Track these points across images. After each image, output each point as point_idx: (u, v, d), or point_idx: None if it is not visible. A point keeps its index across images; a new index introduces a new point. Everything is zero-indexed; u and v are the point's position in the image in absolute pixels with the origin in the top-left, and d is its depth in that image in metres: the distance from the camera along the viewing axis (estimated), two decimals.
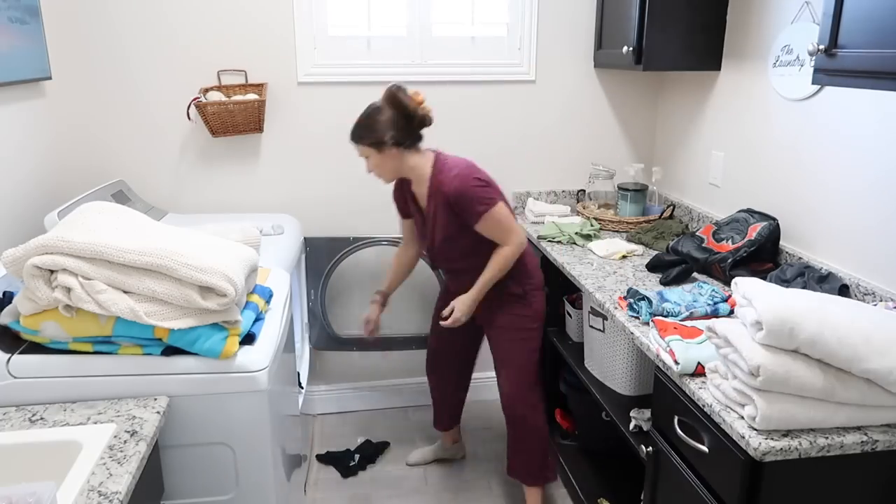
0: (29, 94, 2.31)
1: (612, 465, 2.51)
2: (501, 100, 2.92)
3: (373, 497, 2.55)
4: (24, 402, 1.50)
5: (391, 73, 2.79)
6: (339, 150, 2.85)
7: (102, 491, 1.19)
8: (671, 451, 1.61)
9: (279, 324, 1.79)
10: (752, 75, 2.32)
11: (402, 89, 2.07)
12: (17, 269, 1.47)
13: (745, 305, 1.39)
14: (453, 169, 2.07)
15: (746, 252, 2.05)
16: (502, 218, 2.08)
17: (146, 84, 2.66)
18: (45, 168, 2.39)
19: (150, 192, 2.74)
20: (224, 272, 1.52)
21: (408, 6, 2.77)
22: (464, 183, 2.04)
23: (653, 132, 3.07)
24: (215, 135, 2.64)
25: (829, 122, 1.96)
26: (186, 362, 1.55)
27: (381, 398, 3.15)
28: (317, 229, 2.92)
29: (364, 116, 2.09)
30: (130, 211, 1.71)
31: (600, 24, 2.81)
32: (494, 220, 2.07)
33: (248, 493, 1.64)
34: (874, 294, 1.77)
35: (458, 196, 2.04)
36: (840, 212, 1.93)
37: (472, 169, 2.09)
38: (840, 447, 1.29)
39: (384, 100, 2.08)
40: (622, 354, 2.12)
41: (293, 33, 2.70)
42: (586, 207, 2.88)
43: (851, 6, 1.35)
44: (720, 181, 2.54)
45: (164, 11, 2.60)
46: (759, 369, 1.28)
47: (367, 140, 2.07)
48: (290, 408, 2.05)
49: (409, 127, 2.07)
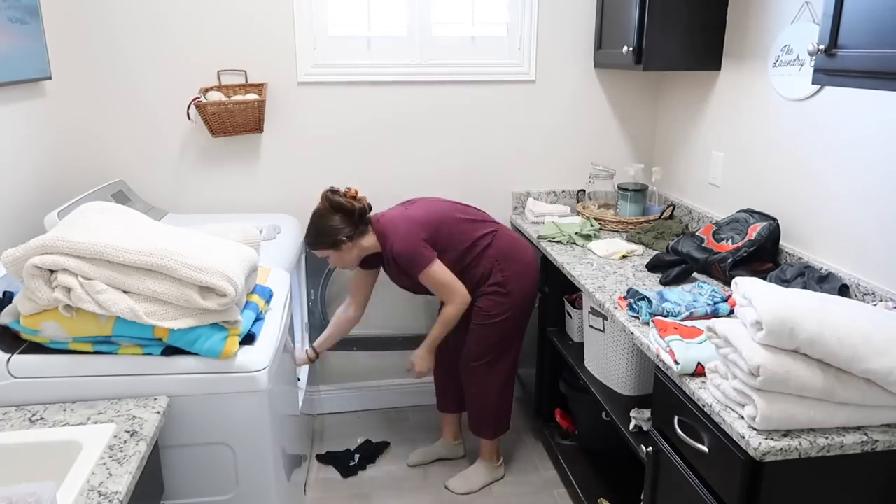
0: (29, 94, 2.31)
1: (612, 465, 2.51)
2: (501, 100, 2.92)
3: (373, 497, 2.55)
4: (24, 402, 1.50)
5: (391, 73, 2.80)
6: (339, 149, 2.86)
7: (102, 491, 1.19)
8: (671, 451, 1.61)
9: (279, 324, 1.79)
10: (752, 75, 2.32)
11: (335, 191, 2.28)
12: (17, 269, 1.47)
13: (745, 305, 1.39)
14: (392, 239, 2.26)
15: (746, 252, 2.05)
16: (438, 277, 2.26)
17: (146, 84, 2.66)
18: (45, 168, 2.39)
19: (150, 192, 2.74)
20: (224, 272, 1.52)
21: (408, 6, 2.77)
22: (403, 247, 2.24)
23: (653, 132, 3.07)
24: (215, 135, 2.63)
25: (829, 123, 1.96)
26: (186, 362, 1.55)
27: (381, 398, 3.15)
28: None
29: (313, 226, 2.28)
30: (130, 211, 1.71)
31: (600, 24, 2.81)
32: (432, 278, 2.26)
33: (248, 493, 1.64)
34: (874, 294, 1.77)
35: (399, 257, 2.25)
36: (840, 212, 1.93)
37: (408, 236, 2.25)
38: (840, 447, 1.29)
39: (322, 205, 2.28)
40: (622, 354, 2.12)
41: (293, 33, 2.70)
42: (586, 207, 2.87)
43: (851, 6, 1.35)
44: (720, 181, 2.54)
45: (163, 11, 2.60)
46: (759, 369, 1.28)
47: (323, 245, 2.28)
48: (290, 408, 2.05)
49: (353, 221, 2.27)
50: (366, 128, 2.86)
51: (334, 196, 2.26)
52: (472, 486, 2.55)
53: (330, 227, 2.24)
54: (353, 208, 2.26)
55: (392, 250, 2.25)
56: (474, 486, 2.56)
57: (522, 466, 2.71)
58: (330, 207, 2.25)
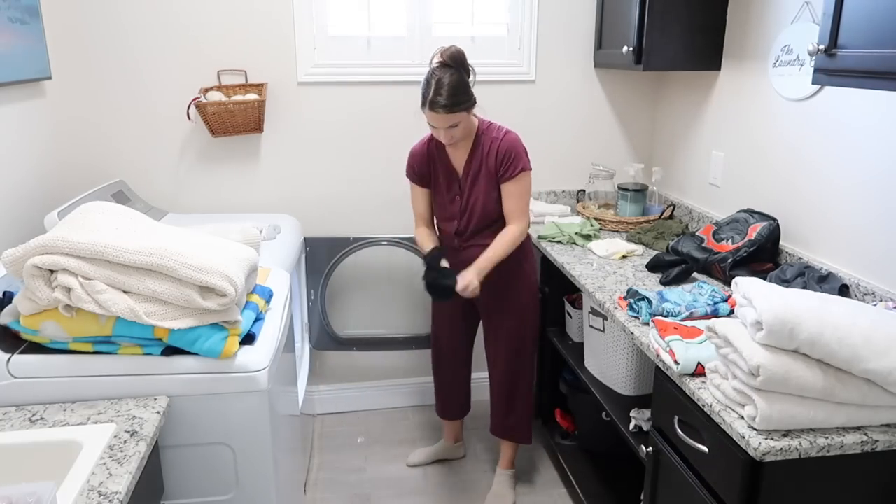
0: (29, 94, 2.31)
1: (612, 465, 2.51)
2: (501, 100, 2.92)
3: (373, 497, 2.55)
4: (24, 402, 1.50)
5: (391, 73, 2.80)
6: (339, 149, 2.86)
7: (102, 491, 1.19)
8: (671, 451, 1.61)
9: (279, 324, 1.79)
10: (752, 75, 2.32)
11: (459, 48, 2.11)
12: (17, 269, 1.47)
13: (745, 305, 1.39)
14: (503, 129, 2.21)
15: (746, 252, 2.05)
16: (528, 187, 2.21)
17: (146, 84, 2.66)
18: (45, 168, 2.39)
19: (150, 192, 2.74)
20: (224, 272, 1.52)
21: (408, 6, 2.77)
22: (516, 140, 2.19)
23: (652, 132, 3.07)
24: (215, 135, 2.64)
25: (830, 123, 1.96)
26: (186, 362, 1.55)
27: (381, 398, 3.15)
28: (317, 229, 2.92)
29: (454, 84, 2.06)
30: (131, 211, 1.71)
31: (600, 24, 2.81)
32: (526, 184, 2.20)
33: (248, 493, 1.64)
34: (874, 294, 1.77)
35: (510, 148, 2.16)
36: (840, 212, 1.93)
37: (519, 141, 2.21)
38: (840, 447, 1.29)
39: (452, 62, 2.08)
40: (622, 354, 2.12)
41: (293, 33, 2.70)
42: (586, 207, 2.87)
43: (851, 6, 1.35)
44: (720, 181, 2.54)
45: (164, 11, 2.60)
46: (759, 369, 1.28)
47: (466, 105, 2.09)
48: (290, 408, 2.05)
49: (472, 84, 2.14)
50: (366, 128, 2.86)
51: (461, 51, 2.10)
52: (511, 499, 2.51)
53: (468, 84, 2.10)
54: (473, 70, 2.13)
55: (502, 139, 2.17)
56: (511, 497, 2.51)
57: (522, 466, 2.71)
58: (463, 64, 2.10)
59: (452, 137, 2.15)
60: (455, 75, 2.07)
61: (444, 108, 2.06)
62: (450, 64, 2.09)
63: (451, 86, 2.05)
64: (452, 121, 2.09)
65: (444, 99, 2.05)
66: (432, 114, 2.08)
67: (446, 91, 2.05)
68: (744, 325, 1.38)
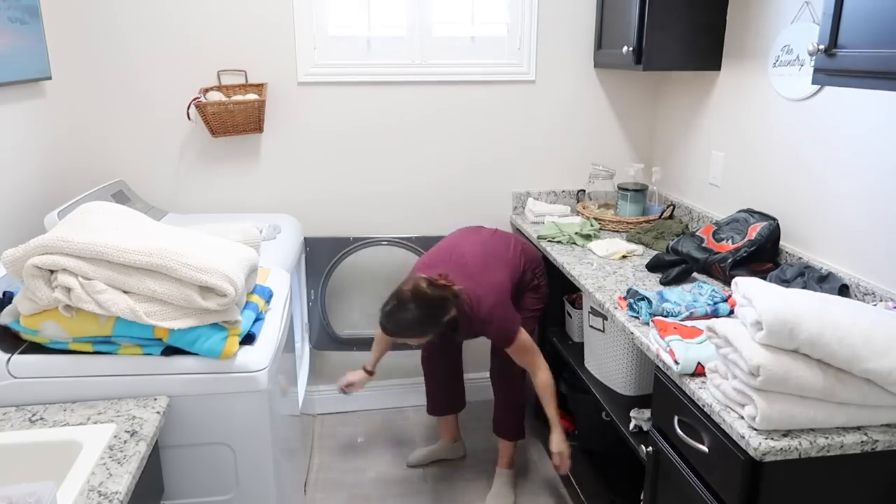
0: (29, 94, 2.31)
1: (612, 465, 2.51)
2: (501, 100, 2.92)
3: (373, 497, 2.55)
4: (24, 402, 1.50)
5: (391, 73, 2.80)
6: (339, 149, 2.86)
7: (102, 491, 1.19)
8: (671, 451, 1.61)
9: (279, 324, 1.79)
10: (752, 75, 2.32)
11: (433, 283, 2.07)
12: (17, 269, 1.47)
13: (745, 305, 1.39)
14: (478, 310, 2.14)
15: (746, 252, 2.05)
16: (527, 344, 2.23)
17: (146, 84, 2.66)
18: (45, 168, 2.39)
19: (150, 192, 2.74)
20: (224, 272, 1.52)
21: (408, 6, 2.77)
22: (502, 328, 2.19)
23: (653, 132, 3.07)
24: (215, 135, 2.63)
25: (829, 122, 1.96)
26: (186, 362, 1.55)
27: (381, 398, 3.15)
28: (317, 229, 2.92)
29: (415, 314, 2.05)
30: (131, 211, 1.71)
31: (600, 24, 2.81)
32: (521, 345, 2.21)
33: (248, 493, 1.64)
34: (874, 294, 1.77)
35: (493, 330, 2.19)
36: (840, 212, 1.93)
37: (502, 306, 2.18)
38: (840, 447, 1.29)
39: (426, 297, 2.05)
40: (622, 354, 2.12)
41: (293, 33, 2.70)
42: (586, 207, 2.87)
43: (851, 6, 1.35)
44: (720, 181, 2.54)
45: (164, 11, 2.60)
46: (759, 369, 1.28)
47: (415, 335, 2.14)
48: (290, 408, 2.05)
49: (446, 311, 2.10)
50: (366, 128, 2.86)
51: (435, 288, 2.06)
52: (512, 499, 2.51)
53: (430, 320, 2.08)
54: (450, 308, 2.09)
55: (485, 327, 2.17)
56: (512, 497, 2.51)
57: (523, 466, 2.71)
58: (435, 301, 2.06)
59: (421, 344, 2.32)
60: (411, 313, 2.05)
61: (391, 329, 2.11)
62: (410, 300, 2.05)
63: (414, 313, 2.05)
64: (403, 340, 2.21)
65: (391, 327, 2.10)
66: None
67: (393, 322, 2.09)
68: (744, 325, 1.38)
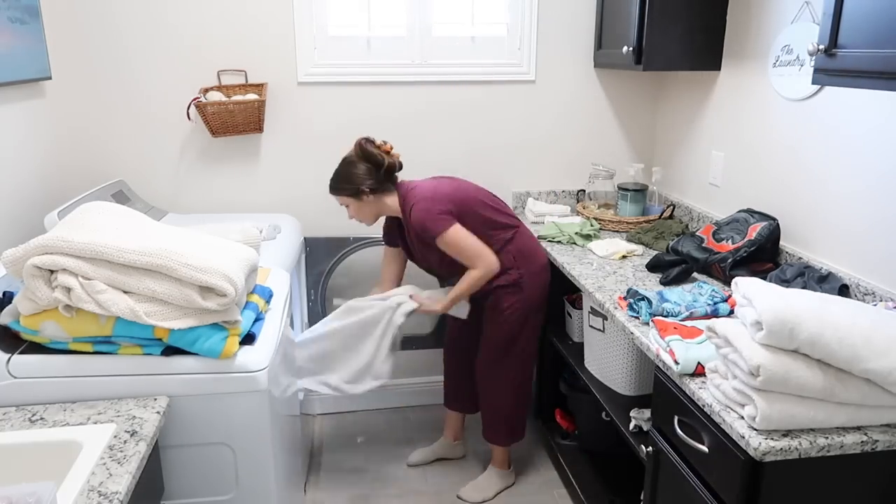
0: (29, 94, 2.31)
1: (612, 465, 2.51)
2: (501, 100, 2.92)
3: (372, 497, 2.55)
4: (24, 402, 1.50)
5: (391, 73, 2.80)
6: (339, 149, 2.85)
7: (102, 491, 1.19)
8: (671, 451, 1.61)
9: (279, 324, 1.79)
10: (752, 75, 2.32)
11: (370, 140, 2.26)
12: (17, 269, 1.47)
13: (745, 305, 1.39)
14: (413, 202, 2.22)
15: (746, 252, 2.05)
16: (459, 241, 2.20)
17: (146, 84, 2.66)
18: (45, 168, 2.39)
19: (150, 192, 2.74)
20: (224, 272, 1.52)
21: (408, 6, 2.77)
22: (420, 216, 2.19)
23: (653, 132, 3.07)
24: (215, 135, 2.63)
25: (829, 123, 1.96)
26: (186, 362, 1.55)
27: (381, 398, 3.15)
28: (317, 229, 2.91)
29: (340, 170, 2.27)
30: (131, 211, 1.71)
31: (600, 24, 2.81)
32: (451, 242, 2.19)
33: (248, 493, 1.64)
34: (874, 294, 1.77)
35: (419, 223, 2.20)
36: (840, 212, 1.92)
37: (429, 201, 2.21)
38: (840, 447, 1.29)
39: (355, 152, 2.25)
40: (622, 354, 2.12)
41: (293, 33, 2.70)
42: (586, 207, 2.87)
43: (851, 6, 1.35)
44: (720, 181, 2.54)
45: (164, 11, 2.60)
46: (759, 369, 1.28)
47: (346, 191, 2.26)
48: (290, 408, 2.05)
49: (380, 174, 2.24)
50: (366, 128, 2.84)
51: (367, 145, 2.24)
52: (487, 495, 2.51)
53: (354, 175, 2.22)
54: (382, 161, 2.23)
55: (411, 214, 2.20)
56: (488, 494, 2.52)
57: (522, 466, 2.71)
58: (360, 155, 2.23)
59: (352, 217, 2.34)
60: (345, 166, 2.26)
61: (330, 188, 2.29)
62: (350, 154, 2.27)
63: (336, 171, 2.27)
64: (340, 202, 2.30)
65: (330, 182, 2.29)
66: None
67: (333, 175, 2.28)
68: (744, 325, 1.38)
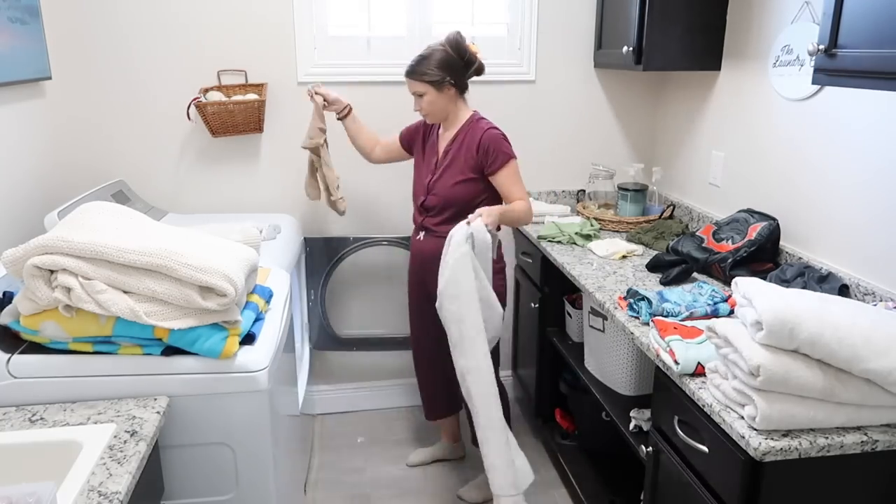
0: (29, 94, 2.31)
1: (612, 465, 2.51)
2: (501, 100, 2.92)
3: (373, 497, 2.55)
4: (24, 402, 1.50)
5: (391, 73, 2.79)
6: (338, 149, 2.85)
7: (102, 491, 1.19)
8: (671, 451, 1.61)
9: (279, 324, 1.79)
10: (752, 75, 2.32)
11: (462, 36, 2.21)
12: (17, 269, 1.47)
13: (745, 305, 1.39)
14: (491, 124, 2.25)
15: (746, 252, 2.05)
16: (518, 172, 2.23)
17: (146, 84, 2.66)
18: (44, 168, 2.39)
19: (150, 192, 2.74)
20: (224, 272, 1.52)
21: (408, 6, 2.77)
22: (498, 135, 2.21)
23: (653, 132, 3.07)
24: (215, 135, 2.64)
25: (829, 123, 1.96)
26: (186, 362, 1.55)
27: (381, 398, 3.15)
28: (317, 229, 2.92)
29: (428, 54, 2.19)
30: (131, 211, 1.71)
31: (600, 24, 2.81)
32: (514, 171, 2.21)
33: (248, 493, 1.64)
34: (874, 294, 1.77)
35: (491, 141, 2.19)
36: (840, 211, 1.92)
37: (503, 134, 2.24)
38: (840, 447, 1.29)
39: (447, 43, 2.19)
40: (622, 354, 2.12)
41: (293, 33, 2.70)
42: (586, 207, 2.87)
43: (851, 6, 1.35)
44: (720, 181, 2.54)
45: (164, 11, 2.60)
46: (759, 369, 1.28)
47: (431, 77, 2.19)
48: (290, 408, 2.05)
49: (465, 72, 2.22)
50: None
51: (460, 38, 2.20)
52: (487, 495, 2.48)
53: (446, 63, 2.17)
54: (474, 60, 2.21)
55: (486, 132, 2.19)
56: (488, 494, 2.51)
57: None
58: (454, 48, 2.19)
59: (421, 108, 2.27)
60: (434, 52, 2.19)
61: (406, 73, 2.22)
62: (441, 43, 2.21)
63: (422, 56, 2.20)
64: (416, 88, 2.22)
65: (410, 65, 2.22)
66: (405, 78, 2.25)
67: (415, 59, 2.21)
68: (744, 325, 1.38)
